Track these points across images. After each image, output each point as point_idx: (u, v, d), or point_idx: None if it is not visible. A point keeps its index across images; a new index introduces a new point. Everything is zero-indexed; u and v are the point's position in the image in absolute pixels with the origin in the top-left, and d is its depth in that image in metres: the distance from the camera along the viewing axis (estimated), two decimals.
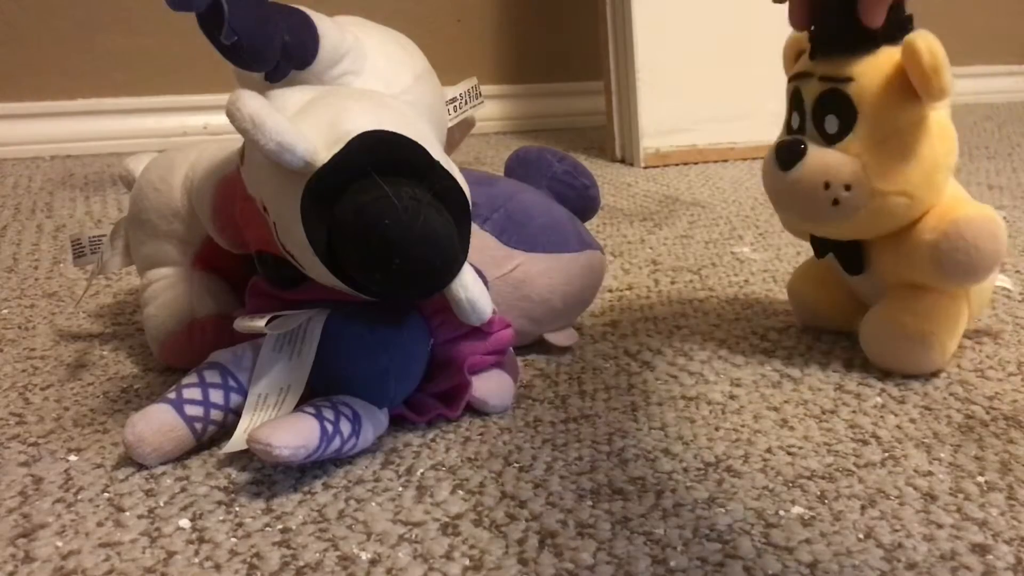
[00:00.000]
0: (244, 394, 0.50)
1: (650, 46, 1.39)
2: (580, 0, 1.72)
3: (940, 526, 0.43)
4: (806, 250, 0.91)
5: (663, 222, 1.04)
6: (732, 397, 0.58)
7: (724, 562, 0.41)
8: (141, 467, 0.48)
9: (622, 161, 1.45)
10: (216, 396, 0.50)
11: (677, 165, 1.41)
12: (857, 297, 0.66)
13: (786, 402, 0.57)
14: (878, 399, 0.57)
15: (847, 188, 0.56)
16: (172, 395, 0.49)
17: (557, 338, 0.64)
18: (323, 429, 0.46)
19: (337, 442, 0.47)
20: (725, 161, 1.44)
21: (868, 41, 0.56)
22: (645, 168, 1.39)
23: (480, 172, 0.66)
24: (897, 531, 0.43)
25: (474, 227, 0.57)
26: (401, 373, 0.51)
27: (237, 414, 0.50)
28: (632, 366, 0.63)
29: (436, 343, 0.54)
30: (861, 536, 0.43)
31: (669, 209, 1.11)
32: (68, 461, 0.49)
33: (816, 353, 0.65)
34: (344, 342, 0.50)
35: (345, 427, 0.47)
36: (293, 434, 0.45)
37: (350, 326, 0.50)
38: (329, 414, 0.47)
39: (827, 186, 0.56)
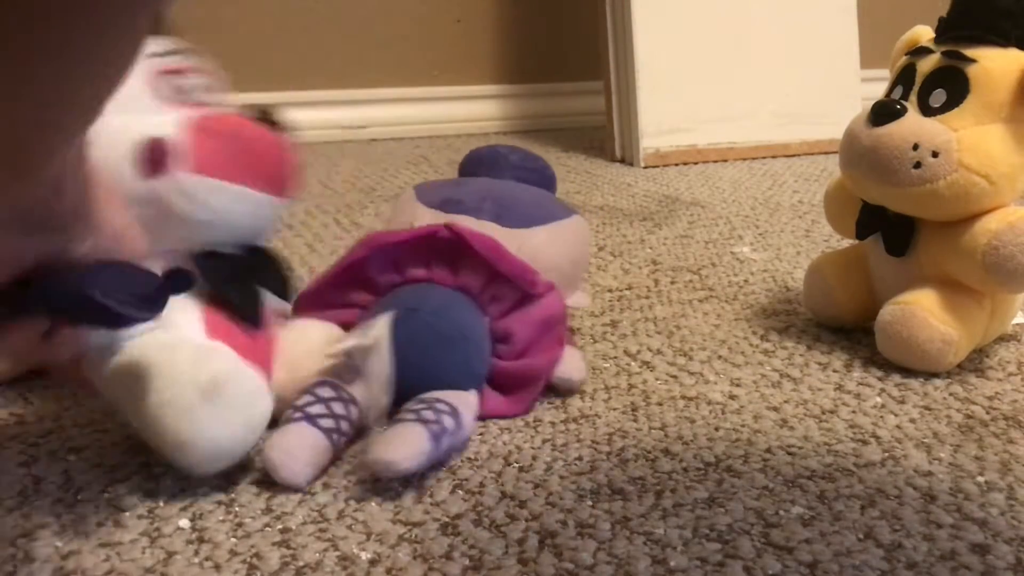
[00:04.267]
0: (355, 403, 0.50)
1: (650, 46, 1.39)
2: (580, 0, 1.72)
3: (940, 526, 0.43)
4: (807, 251, 0.91)
5: (663, 222, 1.04)
6: (732, 397, 0.58)
7: (724, 562, 0.41)
8: (141, 467, 0.48)
9: (622, 161, 1.45)
10: (338, 408, 0.49)
11: (677, 165, 1.41)
12: (874, 293, 0.66)
13: (786, 402, 0.57)
14: (878, 399, 0.57)
15: (934, 154, 0.58)
16: (298, 414, 0.48)
17: (575, 300, 0.64)
18: (430, 432, 0.47)
19: (447, 439, 0.48)
20: (725, 161, 1.45)
21: (1001, 37, 0.59)
22: (645, 168, 1.39)
23: (441, 180, 0.67)
24: (897, 531, 0.43)
25: (474, 219, 0.59)
26: (479, 353, 0.54)
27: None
28: (632, 366, 0.63)
29: (492, 320, 0.56)
30: (861, 536, 0.43)
31: (669, 209, 1.11)
32: (68, 461, 0.49)
33: (816, 353, 0.65)
34: (421, 340, 0.52)
35: (448, 421, 0.48)
36: (407, 445, 0.46)
37: (418, 322, 0.52)
38: (429, 415, 0.48)
39: (915, 147, 0.58)
